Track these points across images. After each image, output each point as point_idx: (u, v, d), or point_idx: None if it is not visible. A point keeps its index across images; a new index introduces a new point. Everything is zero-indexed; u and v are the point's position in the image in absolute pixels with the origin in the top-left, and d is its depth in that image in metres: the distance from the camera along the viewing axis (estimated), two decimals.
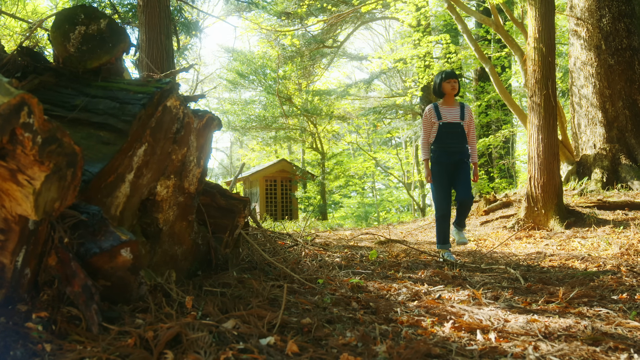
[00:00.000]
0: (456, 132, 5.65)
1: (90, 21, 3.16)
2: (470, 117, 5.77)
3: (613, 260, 5.16)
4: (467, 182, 5.62)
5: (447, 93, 5.71)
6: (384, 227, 12.10)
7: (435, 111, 5.74)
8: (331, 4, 17.83)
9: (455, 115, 5.69)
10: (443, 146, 5.65)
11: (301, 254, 5.01)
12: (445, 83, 5.71)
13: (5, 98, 1.67)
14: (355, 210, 25.52)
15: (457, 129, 5.65)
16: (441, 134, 5.65)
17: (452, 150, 5.63)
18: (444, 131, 5.64)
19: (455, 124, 5.66)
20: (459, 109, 5.74)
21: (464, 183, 5.60)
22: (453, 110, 5.72)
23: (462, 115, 5.71)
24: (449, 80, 5.71)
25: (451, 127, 5.65)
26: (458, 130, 5.65)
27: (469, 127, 5.75)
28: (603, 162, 9.99)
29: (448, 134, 5.64)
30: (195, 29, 11.44)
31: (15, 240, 1.95)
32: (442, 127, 5.65)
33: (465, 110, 5.76)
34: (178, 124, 2.88)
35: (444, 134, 5.64)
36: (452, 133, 5.64)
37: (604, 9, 10.27)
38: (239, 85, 24.73)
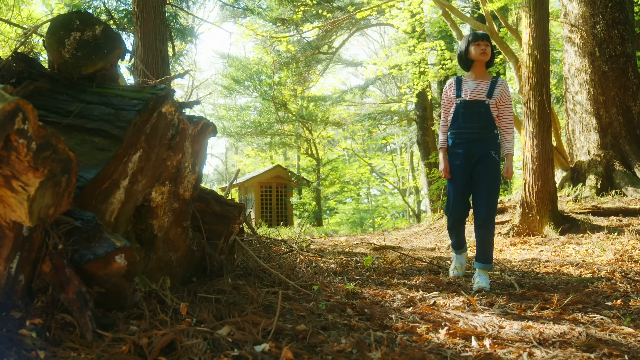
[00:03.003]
0: (477, 114, 4.36)
1: (85, 27, 3.16)
2: (503, 95, 4.42)
3: (607, 267, 5.17)
4: (490, 190, 4.31)
5: (475, 59, 4.44)
6: (379, 233, 12.11)
7: (456, 85, 4.51)
8: (326, 10, 17.87)
9: (480, 91, 4.40)
10: (460, 132, 4.43)
11: (296, 260, 5.00)
12: (474, 46, 4.43)
13: (0, 104, 1.67)
14: (350, 216, 25.51)
15: (478, 108, 4.37)
16: (457, 115, 4.43)
17: (470, 138, 4.37)
18: (461, 112, 4.41)
19: (476, 102, 4.37)
20: (489, 83, 4.43)
21: (485, 190, 4.31)
22: (479, 84, 4.43)
23: (490, 92, 4.39)
24: (479, 42, 4.42)
25: (472, 105, 4.38)
26: (481, 110, 4.37)
27: (501, 109, 4.44)
28: (597, 169, 10.02)
29: (466, 115, 4.39)
30: (190, 35, 11.46)
31: (9, 247, 1.94)
32: (460, 106, 4.42)
33: (497, 86, 4.41)
34: (173, 130, 2.88)
35: (462, 116, 4.40)
36: (470, 114, 4.38)
37: (598, 16, 10.32)
38: (235, 91, 24.73)
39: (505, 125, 4.46)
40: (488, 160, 4.33)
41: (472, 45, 4.44)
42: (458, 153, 4.43)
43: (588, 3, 10.41)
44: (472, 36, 4.47)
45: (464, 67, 4.61)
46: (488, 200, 4.29)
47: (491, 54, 4.47)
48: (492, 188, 4.31)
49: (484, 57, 4.41)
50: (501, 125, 4.46)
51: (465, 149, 4.39)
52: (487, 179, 4.31)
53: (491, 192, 4.30)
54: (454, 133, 4.47)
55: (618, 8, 10.29)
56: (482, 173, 4.33)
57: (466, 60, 4.52)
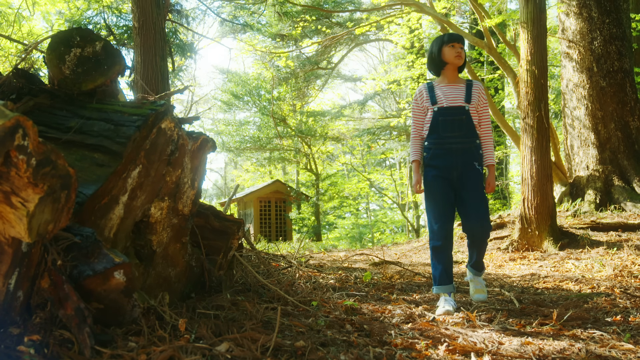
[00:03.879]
0: (459, 121, 3.95)
1: (85, 43, 3.18)
2: (481, 99, 4.07)
3: (607, 282, 5.17)
4: (479, 201, 3.91)
5: (449, 62, 4.04)
6: (378, 248, 12.09)
7: (429, 92, 4.08)
8: (325, 26, 17.97)
9: (457, 96, 4.00)
10: (440, 142, 3.96)
11: (295, 275, 4.99)
12: (448, 48, 4.03)
13: (0, 120, 1.67)
14: (349, 231, 25.49)
15: (459, 115, 3.96)
16: (436, 124, 3.98)
17: (452, 149, 3.94)
18: (440, 120, 3.96)
19: (457, 108, 3.97)
20: (464, 87, 4.05)
21: (474, 202, 3.90)
22: (455, 89, 4.04)
23: (467, 97, 4.00)
24: (453, 44, 4.03)
25: (451, 113, 3.97)
26: (462, 117, 3.95)
27: (480, 114, 4.06)
28: (596, 184, 10.03)
29: (446, 123, 3.95)
30: (190, 50, 11.51)
31: (8, 263, 1.94)
32: (438, 114, 3.98)
33: (473, 90, 4.04)
34: (172, 145, 2.88)
35: (441, 124, 3.96)
36: (452, 122, 3.95)
37: (596, 31, 10.38)
38: (234, 106, 24.80)
39: (485, 133, 4.07)
40: (473, 172, 3.91)
41: (446, 47, 4.03)
42: (438, 166, 3.95)
43: (585, 19, 10.47)
44: (447, 37, 4.08)
45: (434, 71, 4.18)
46: (475, 206, 3.88)
47: (464, 58, 4.11)
48: (483, 200, 3.92)
49: (458, 61, 4.03)
50: (481, 134, 4.05)
51: (446, 160, 3.93)
52: (476, 190, 3.90)
53: (482, 202, 3.91)
54: (433, 144, 3.99)
55: (615, 24, 10.35)
56: (469, 185, 3.89)
57: (438, 63, 4.09)
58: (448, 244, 3.95)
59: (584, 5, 10.50)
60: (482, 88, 4.11)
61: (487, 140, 4.07)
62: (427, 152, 4.03)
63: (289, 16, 15.07)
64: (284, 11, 14.06)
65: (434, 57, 4.10)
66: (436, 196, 3.96)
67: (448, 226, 3.95)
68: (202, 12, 12.88)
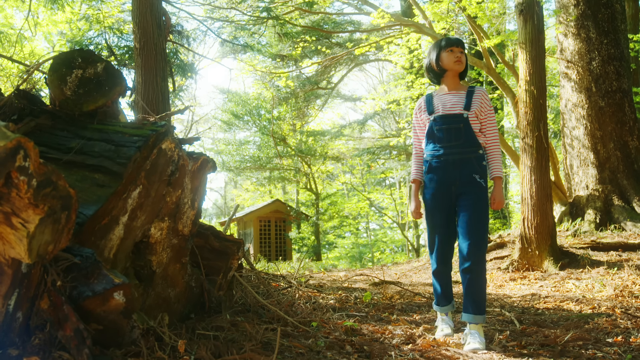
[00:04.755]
0: (456, 130, 3.58)
1: (87, 65, 3.21)
2: (484, 105, 3.66)
3: (608, 302, 5.15)
4: (478, 223, 3.49)
5: (449, 69, 3.71)
6: (378, 268, 12.06)
7: (427, 102, 3.77)
8: (325, 46, 18.09)
9: (456, 103, 3.64)
10: (437, 154, 3.64)
11: (295, 296, 4.98)
12: (446, 53, 3.69)
13: (1, 142, 1.68)
14: (349, 250, 25.44)
15: (455, 123, 3.59)
16: (432, 133, 3.67)
17: (449, 160, 3.58)
18: (435, 129, 3.64)
19: (452, 116, 3.60)
20: (464, 94, 3.67)
21: (472, 224, 3.48)
22: (455, 97, 3.68)
23: (467, 104, 3.62)
24: (452, 49, 3.70)
25: (446, 121, 3.61)
26: (459, 125, 3.58)
27: (483, 122, 3.67)
28: (596, 203, 10.03)
29: (441, 132, 3.61)
30: (190, 70, 11.57)
31: (8, 284, 1.94)
32: (434, 123, 3.65)
33: (474, 96, 3.65)
34: (173, 166, 2.89)
35: (437, 133, 3.63)
36: (447, 131, 3.59)
37: (594, 52, 10.45)
38: (234, 125, 24.85)
39: (490, 142, 3.68)
40: (473, 187, 3.54)
41: (444, 52, 3.69)
42: (435, 179, 3.64)
43: (584, 40, 10.55)
44: (445, 41, 3.73)
45: (434, 80, 3.86)
46: (475, 237, 3.46)
47: (466, 63, 3.76)
48: (480, 221, 3.50)
49: (458, 66, 3.69)
50: (486, 143, 3.68)
51: (444, 173, 3.60)
52: (473, 210, 3.50)
53: (479, 226, 3.48)
54: (430, 155, 3.68)
55: (613, 45, 10.42)
56: (466, 202, 3.54)
57: (437, 70, 3.76)
58: (446, 266, 3.70)
59: (582, 26, 10.58)
60: (485, 94, 3.72)
61: (493, 150, 3.68)
62: (425, 165, 3.73)
63: (289, 37, 15.17)
64: (284, 32, 14.16)
65: (432, 64, 3.78)
66: (434, 213, 3.66)
67: (447, 247, 3.66)
68: (203, 33, 12.95)
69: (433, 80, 3.88)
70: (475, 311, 3.41)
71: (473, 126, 3.61)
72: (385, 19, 12.45)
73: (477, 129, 3.63)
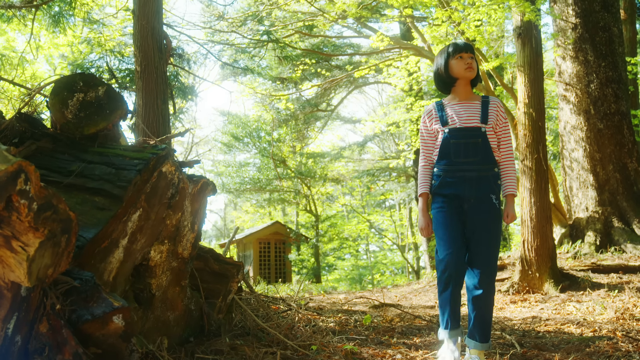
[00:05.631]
0: (473, 145, 3.36)
1: (88, 88, 3.23)
2: (500, 118, 3.46)
3: (609, 325, 5.13)
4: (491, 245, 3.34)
5: (459, 77, 3.46)
6: (378, 290, 12.01)
7: (439, 111, 3.50)
8: (325, 69, 18.18)
9: (472, 115, 3.41)
10: (451, 169, 3.38)
11: (295, 319, 4.96)
12: (455, 60, 3.45)
13: (2, 165, 1.69)
14: (349, 272, 25.36)
15: (474, 138, 3.37)
16: (447, 147, 3.39)
17: (465, 177, 3.35)
18: (452, 143, 3.38)
19: (470, 129, 3.38)
20: (479, 105, 3.46)
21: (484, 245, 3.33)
22: (469, 108, 3.44)
23: (484, 116, 3.40)
24: (462, 55, 3.44)
25: (465, 135, 3.38)
26: (477, 140, 3.36)
27: (499, 136, 3.47)
28: (596, 225, 10.02)
29: (459, 147, 3.37)
30: (191, 93, 11.64)
31: (7, 307, 1.93)
32: (450, 137, 3.39)
33: (490, 108, 3.44)
34: (173, 189, 2.90)
35: (453, 148, 3.38)
36: (465, 146, 3.36)
37: (592, 74, 10.51)
38: (234, 147, 24.91)
39: (505, 158, 3.47)
40: (487, 206, 3.34)
41: (453, 59, 3.45)
42: (448, 195, 3.39)
43: (582, 63, 10.62)
44: (452, 47, 3.48)
45: (443, 89, 3.61)
46: (489, 263, 3.30)
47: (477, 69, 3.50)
48: (493, 242, 3.34)
49: (470, 73, 3.43)
50: (501, 158, 3.46)
51: (458, 190, 3.36)
52: (487, 231, 3.33)
53: (492, 249, 3.32)
54: (443, 170, 3.41)
55: (611, 67, 10.49)
56: (479, 223, 3.33)
57: (447, 78, 3.51)
58: (458, 287, 3.36)
59: (579, 49, 10.66)
60: (501, 105, 3.52)
61: (507, 166, 3.46)
62: (436, 179, 3.44)
63: (289, 60, 15.28)
64: (284, 55, 14.27)
65: (441, 73, 3.52)
66: (445, 229, 3.37)
67: (460, 267, 3.33)
68: (204, 56, 13.05)
69: (442, 90, 3.62)
70: (482, 339, 3.30)
71: (490, 141, 3.40)
72: (385, 42, 12.54)
73: (495, 144, 3.43)
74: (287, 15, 15.29)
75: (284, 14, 15.30)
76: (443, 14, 9.76)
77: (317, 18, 14.50)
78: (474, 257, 3.31)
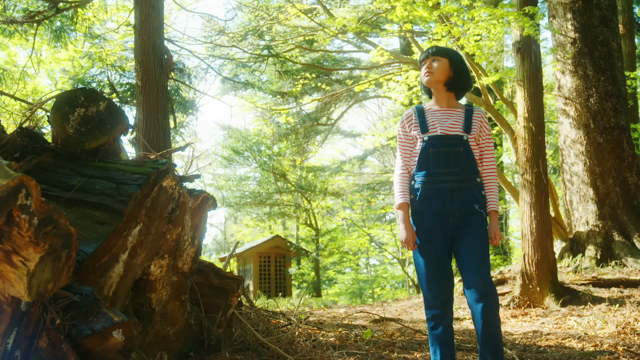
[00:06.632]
0: (455, 154, 3.13)
1: (89, 103, 3.24)
2: (483, 129, 3.25)
3: (610, 340, 5.11)
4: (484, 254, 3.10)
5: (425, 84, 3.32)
6: (378, 304, 11.97)
7: (418, 117, 3.25)
8: (325, 83, 18.25)
9: (454, 123, 3.19)
10: (430, 180, 3.13)
11: (295, 333, 4.94)
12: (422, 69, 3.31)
13: (4, 180, 1.70)
14: (349, 286, 25.27)
15: (455, 147, 3.14)
16: (426, 156, 3.14)
17: (446, 189, 3.11)
18: (431, 151, 3.13)
19: (451, 137, 3.15)
20: (463, 114, 3.24)
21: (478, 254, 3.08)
22: (451, 114, 3.23)
23: (467, 125, 3.19)
24: (424, 61, 3.29)
25: (444, 143, 3.15)
26: (458, 149, 3.13)
27: (482, 147, 3.26)
28: (596, 239, 10.00)
29: (439, 156, 3.12)
30: (192, 107, 11.68)
31: (7, 322, 1.93)
32: (429, 144, 3.14)
33: (474, 117, 3.22)
34: (173, 203, 2.91)
35: (433, 157, 3.13)
36: (445, 155, 3.12)
37: (591, 89, 10.54)
38: (234, 161, 24.93)
39: (487, 171, 3.25)
40: (474, 217, 3.11)
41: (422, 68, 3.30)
42: (429, 210, 3.12)
43: (581, 77, 10.65)
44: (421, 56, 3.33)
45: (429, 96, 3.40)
46: (485, 272, 3.05)
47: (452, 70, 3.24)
48: (487, 255, 3.13)
49: (426, 78, 3.25)
50: (483, 172, 3.24)
51: (440, 203, 3.10)
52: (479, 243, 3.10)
53: (486, 261, 3.10)
54: (422, 182, 3.14)
55: (610, 82, 10.52)
56: (469, 237, 3.09)
57: (423, 87, 3.38)
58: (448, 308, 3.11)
59: (579, 64, 10.70)
60: (484, 115, 3.29)
61: (490, 180, 3.23)
62: (415, 193, 3.17)
63: (289, 74, 15.33)
64: (285, 69, 14.31)
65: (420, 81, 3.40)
66: (429, 247, 3.11)
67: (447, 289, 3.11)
68: (204, 71, 13.09)
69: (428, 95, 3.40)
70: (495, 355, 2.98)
71: (473, 151, 3.17)
72: (385, 56, 12.58)
73: (477, 155, 3.21)
74: (287, 30, 15.37)
75: (284, 29, 15.38)
76: (442, 29, 9.80)
77: (318, 33, 14.58)
78: (473, 270, 3.03)
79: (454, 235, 3.12)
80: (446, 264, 3.12)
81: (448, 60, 3.22)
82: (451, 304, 3.11)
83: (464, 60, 3.35)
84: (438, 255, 3.09)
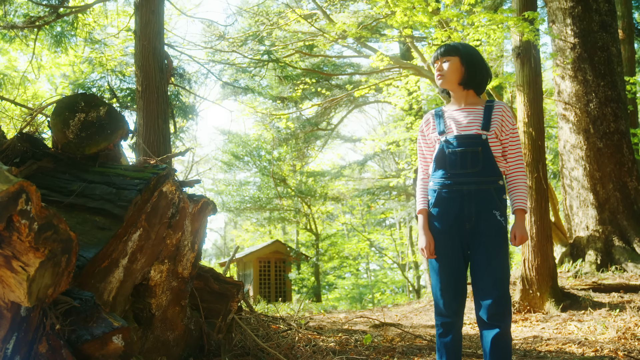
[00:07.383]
0: (472, 154, 2.92)
1: (90, 109, 3.25)
2: (506, 123, 3.02)
3: (610, 345, 5.10)
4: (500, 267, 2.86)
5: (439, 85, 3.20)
6: (378, 309, 11.96)
7: (437, 119, 3.11)
8: (325, 88, 18.28)
9: (471, 121, 2.99)
10: (447, 182, 2.95)
11: (295, 338, 4.93)
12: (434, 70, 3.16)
13: (4, 186, 1.70)
14: (349, 291, 25.26)
15: (473, 146, 2.93)
16: (442, 157, 2.99)
17: (463, 192, 2.91)
18: (447, 152, 2.96)
19: (468, 137, 2.95)
20: (482, 110, 3.02)
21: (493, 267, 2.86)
22: (469, 113, 3.03)
23: (486, 122, 2.97)
24: (435, 62, 3.12)
25: (461, 143, 2.94)
26: (476, 149, 2.92)
27: (506, 144, 3.04)
28: (596, 244, 10.00)
29: (455, 156, 2.94)
30: (192, 112, 11.69)
31: (7, 327, 1.93)
32: (445, 146, 2.98)
33: (494, 113, 3.00)
34: (173, 209, 2.91)
35: (449, 158, 2.95)
36: (462, 155, 2.92)
37: (591, 94, 10.55)
38: (234, 166, 24.93)
39: (513, 168, 3.02)
40: (492, 226, 2.88)
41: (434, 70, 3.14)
42: (444, 214, 2.96)
43: (581, 82, 10.66)
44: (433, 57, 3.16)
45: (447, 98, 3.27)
46: (501, 290, 2.81)
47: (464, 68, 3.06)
48: (504, 269, 2.88)
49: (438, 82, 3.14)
50: (508, 169, 3.03)
51: (456, 207, 2.92)
52: (496, 257, 2.86)
53: (504, 277, 2.85)
54: (439, 184, 2.98)
55: (610, 87, 10.54)
56: (485, 247, 2.88)
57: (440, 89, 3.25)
58: (458, 318, 2.94)
59: (578, 69, 10.71)
60: (507, 109, 3.06)
61: (517, 177, 3.02)
62: (432, 194, 3.02)
63: (289, 79, 15.36)
64: (285, 74, 14.33)
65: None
66: (441, 258, 2.95)
67: (460, 298, 2.95)
68: (204, 76, 13.11)
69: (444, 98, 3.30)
70: None
71: (493, 150, 2.96)
72: (385, 61, 12.61)
73: (499, 154, 3.00)
74: (287, 35, 15.39)
75: (284, 34, 15.41)
76: (442, 34, 9.81)
77: (318, 38, 14.60)
78: (487, 287, 2.84)
79: (469, 243, 2.94)
80: (461, 271, 2.96)
81: (459, 58, 3.04)
82: (462, 312, 2.97)
83: (477, 54, 3.16)
84: (452, 262, 2.94)
